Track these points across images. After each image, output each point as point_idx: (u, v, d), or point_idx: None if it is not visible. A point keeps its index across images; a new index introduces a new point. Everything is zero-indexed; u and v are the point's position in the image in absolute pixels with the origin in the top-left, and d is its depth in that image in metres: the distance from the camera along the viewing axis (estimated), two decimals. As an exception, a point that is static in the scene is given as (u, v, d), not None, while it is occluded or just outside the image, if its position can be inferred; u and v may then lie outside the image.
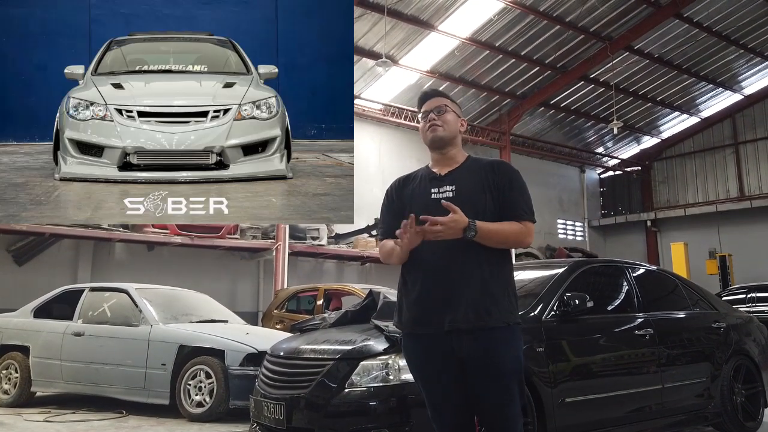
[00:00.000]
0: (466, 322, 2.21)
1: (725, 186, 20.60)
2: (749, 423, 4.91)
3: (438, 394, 2.30)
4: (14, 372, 6.55)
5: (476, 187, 2.35)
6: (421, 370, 2.35)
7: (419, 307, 2.29)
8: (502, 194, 2.35)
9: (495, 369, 2.23)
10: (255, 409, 3.79)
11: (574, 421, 3.79)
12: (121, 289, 6.66)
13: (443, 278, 2.26)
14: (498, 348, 2.24)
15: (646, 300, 4.68)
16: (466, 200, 2.28)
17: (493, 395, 2.24)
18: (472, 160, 2.48)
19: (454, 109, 2.50)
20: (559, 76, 16.53)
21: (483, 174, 2.38)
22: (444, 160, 2.47)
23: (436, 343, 2.26)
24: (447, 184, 2.37)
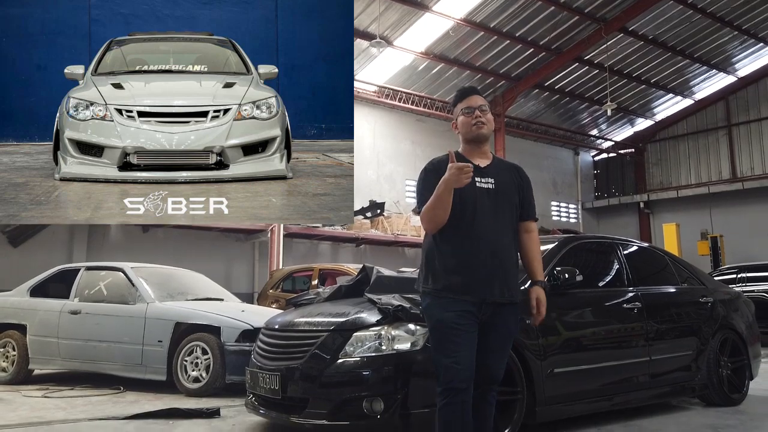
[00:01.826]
0: (501, 296, 2.64)
1: (718, 168, 20.72)
2: (734, 395, 5.02)
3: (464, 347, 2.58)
4: (11, 350, 6.60)
5: (510, 185, 2.78)
6: (449, 325, 2.60)
7: (460, 277, 2.61)
8: (523, 195, 2.83)
9: (506, 331, 2.71)
10: (251, 381, 3.86)
11: (563, 391, 3.88)
12: (116, 267, 6.70)
13: (487, 255, 2.63)
14: (514, 317, 2.73)
15: (635, 275, 4.77)
16: (504, 195, 2.72)
17: (497, 350, 2.70)
18: (498, 159, 2.88)
19: (490, 109, 2.86)
20: (553, 58, 16.52)
21: (511, 174, 2.82)
22: (479, 154, 2.80)
23: (466, 306, 2.60)
24: (489, 177, 2.73)
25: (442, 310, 2.62)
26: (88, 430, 4.11)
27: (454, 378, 2.53)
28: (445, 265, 2.65)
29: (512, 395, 3.60)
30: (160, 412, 4.52)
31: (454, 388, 2.52)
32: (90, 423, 4.33)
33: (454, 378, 2.53)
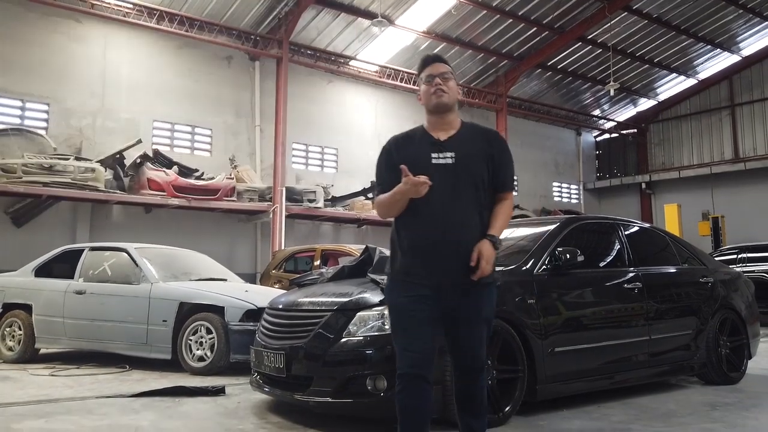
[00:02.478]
0: (460, 278, 2.42)
1: (720, 148, 20.64)
2: (733, 374, 5.09)
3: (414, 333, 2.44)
4: (18, 329, 6.68)
5: (475, 157, 2.51)
6: (402, 310, 2.47)
7: (411, 258, 2.46)
8: (496, 166, 2.54)
9: (476, 315, 2.47)
10: (255, 359, 3.92)
11: (563, 370, 3.94)
12: (120, 248, 6.75)
13: (442, 236, 2.42)
14: (482, 299, 2.48)
15: (636, 256, 4.80)
16: (465, 169, 2.47)
17: (469, 338, 2.48)
18: (467, 127, 2.60)
19: (455, 77, 2.64)
20: (556, 37, 16.35)
21: (480, 143, 2.55)
22: (442, 125, 2.57)
23: (424, 291, 2.43)
24: (447, 150, 2.50)
25: (398, 295, 2.51)
26: (95, 407, 4.18)
27: (406, 364, 2.43)
28: (402, 247, 2.52)
29: (513, 373, 3.65)
30: (166, 390, 4.59)
31: (407, 374, 2.42)
32: (98, 400, 4.40)
33: (406, 364, 2.43)
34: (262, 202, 12.89)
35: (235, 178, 12.74)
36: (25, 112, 11.47)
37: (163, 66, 12.94)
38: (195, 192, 11.79)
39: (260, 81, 14.07)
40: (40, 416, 3.88)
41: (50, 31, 11.65)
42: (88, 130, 11.96)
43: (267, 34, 13.50)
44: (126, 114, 12.43)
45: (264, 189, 13.01)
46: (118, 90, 12.36)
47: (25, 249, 9.99)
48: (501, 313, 3.68)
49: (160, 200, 11.50)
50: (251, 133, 14.04)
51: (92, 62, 12.09)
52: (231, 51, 13.62)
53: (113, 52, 12.34)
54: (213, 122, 13.57)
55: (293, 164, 14.66)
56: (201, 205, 11.99)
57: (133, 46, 12.58)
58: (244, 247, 13.78)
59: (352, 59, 15.08)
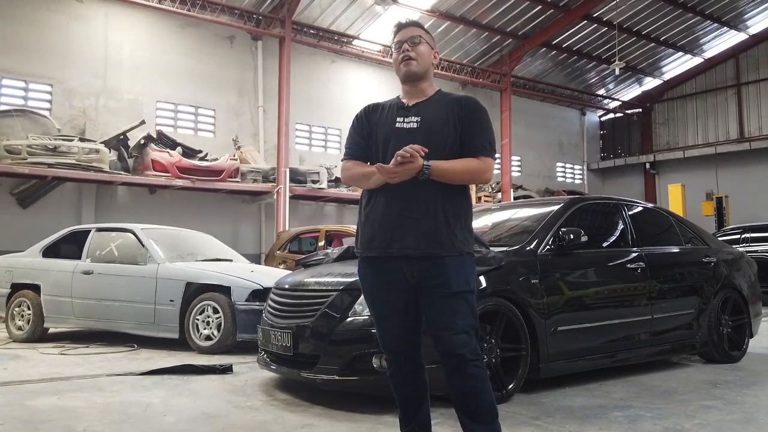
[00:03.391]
0: (416, 249, 2.26)
1: (725, 127, 20.52)
2: (734, 352, 5.14)
3: (387, 316, 2.38)
4: (27, 309, 6.77)
5: (440, 119, 2.35)
6: (371, 292, 2.41)
7: (372, 231, 2.34)
8: (465, 128, 2.35)
9: (444, 288, 2.25)
10: (263, 338, 3.98)
11: (566, 348, 3.99)
12: (127, 229, 6.80)
13: (399, 205, 2.29)
14: (447, 271, 2.26)
15: (639, 236, 4.82)
16: (429, 132, 2.31)
17: (441, 315, 2.25)
18: (441, 94, 2.47)
19: (428, 41, 2.47)
20: (561, 15, 16.19)
21: (449, 108, 2.38)
22: (414, 92, 2.46)
23: (387, 267, 2.31)
24: (412, 115, 2.38)
25: (365, 278, 2.42)
26: (106, 384, 4.26)
27: (387, 350, 2.42)
28: (361, 218, 2.42)
29: (516, 352, 3.71)
30: (175, 368, 4.67)
31: (391, 359, 2.41)
32: (108, 378, 4.48)
33: (387, 350, 2.42)
34: (265, 183, 12.92)
35: (239, 159, 12.75)
36: (29, 93, 11.46)
37: (166, 46, 12.87)
38: (199, 173, 11.82)
39: (263, 61, 14.00)
40: (53, 393, 3.96)
41: (51, 10, 11.59)
42: (91, 110, 11.95)
43: (269, 14, 13.39)
44: (129, 94, 12.41)
45: (268, 170, 13.03)
46: (121, 70, 12.32)
47: (31, 230, 10.07)
48: (505, 293, 3.73)
49: (165, 181, 11.54)
50: (254, 113, 14.02)
51: (94, 42, 12.04)
52: (233, 30, 13.53)
53: (115, 32, 12.28)
54: (216, 103, 13.54)
55: (296, 145, 14.65)
56: (205, 186, 12.03)
57: (135, 25, 12.51)
58: (249, 228, 13.84)
59: (355, 39, 14.98)
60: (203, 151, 12.62)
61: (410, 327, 2.38)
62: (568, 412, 3.45)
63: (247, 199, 13.64)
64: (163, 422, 3.29)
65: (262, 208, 13.83)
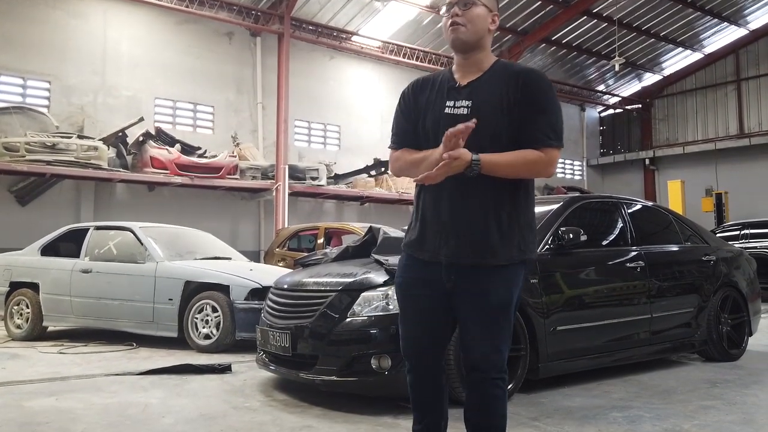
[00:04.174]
0: (464, 257, 2.02)
1: (725, 123, 20.49)
2: (733, 350, 5.14)
3: (417, 315, 2.14)
4: (25, 308, 6.75)
5: (495, 104, 2.01)
6: (404, 288, 2.18)
7: (422, 233, 2.12)
8: (524, 113, 2.01)
9: (482, 302, 2.03)
10: (261, 338, 3.97)
11: (565, 348, 3.98)
12: (125, 227, 6.78)
13: (447, 206, 2.04)
14: (489, 282, 2.02)
15: (639, 234, 4.81)
16: (481, 120, 1.94)
17: (475, 328, 2.04)
18: (498, 67, 2.10)
19: (485, 2, 2.08)
20: (561, 11, 16.13)
21: (506, 88, 2.03)
22: (467, 66, 2.11)
23: (429, 270, 2.09)
24: (464, 98, 2.05)
25: (402, 272, 2.21)
26: (105, 384, 4.25)
27: (404, 351, 2.20)
28: (415, 215, 2.18)
29: (515, 352, 3.70)
30: (174, 368, 4.66)
31: (408, 360, 2.20)
32: (106, 378, 4.48)
33: (404, 351, 2.20)
34: (264, 179, 12.89)
35: (238, 155, 12.73)
36: (27, 90, 11.43)
37: (164, 42, 12.83)
38: (198, 170, 11.79)
39: (262, 57, 13.95)
40: (50, 394, 3.95)
41: (50, 7, 11.55)
42: (89, 107, 11.92)
43: (268, 9, 13.35)
44: (127, 91, 12.37)
45: (267, 167, 13.01)
46: (119, 67, 12.28)
47: (29, 227, 10.05)
48: (504, 293, 3.72)
49: (163, 178, 11.51)
50: (253, 110, 13.99)
51: (92, 39, 12.00)
52: (232, 27, 13.48)
53: (113, 29, 12.24)
54: (215, 99, 13.50)
55: (296, 142, 14.62)
56: (204, 183, 12.00)
57: (133, 22, 12.47)
58: (248, 225, 13.83)
59: (354, 35, 14.93)
60: (202, 148, 12.59)
61: (435, 333, 2.15)
62: (566, 412, 3.44)
63: (246, 196, 13.62)
64: (161, 424, 3.28)
65: (261, 205, 13.81)
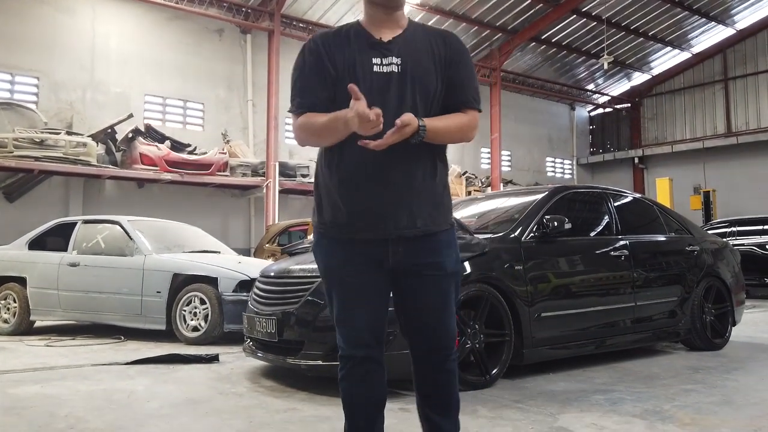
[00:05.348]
0: (409, 226, 1.86)
1: (713, 122, 20.69)
2: (717, 340, 5.20)
3: (357, 301, 1.91)
4: (12, 302, 6.73)
5: (426, 63, 1.88)
6: (338, 273, 1.93)
7: (352, 206, 1.87)
8: (452, 74, 1.91)
9: (437, 270, 1.90)
10: (248, 325, 3.99)
11: (549, 334, 4.02)
12: (113, 221, 6.77)
13: (383, 175, 1.84)
14: (440, 249, 1.91)
15: (623, 224, 4.86)
16: (415, 80, 1.85)
17: (432, 302, 1.91)
18: (417, 25, 1.98)
19: None
20: (550, 9, 16.24)
21: (432, 47, 1.91)
22: (387, 21, 1.91)
23: (367, 250, 1.88)
24: (393, 55, 1.87)
25: (329, 255, 1.94)
26: (91, 373, 4.25)
27: (348, 344, 1.93)
28: (328, 189, 1.91)
29: (500, 337, 3.74)
30: (161, 358, 4.67)
31: (349, 356, 1.92)
32: (93, 367, 4.47)
33: (348, 344, 1.93)
34: (255, 177, 12.89)
35: (228, 152, 12.72)
36: (15, 86, 11.38)
37: (154, 39, 12.80)
38: (188, 167, 11.78)
39: (252, 54, 13.96)
40: (36, 382, 3.95)
41: (38, 2, 11.51)
42: (78, 104, 11.88)
43: (258, 6, 13.35)
44: (116, 88, 12.34)
45: (257, 164, 13.00)
46: (108, 63, 12.25)
47: (17, 224, 9.99)
48: (489, 279, 3.76)
49: (153, 175, 11.49)
50: (243, 107, 13.98)
51: (81, 35, 11.96)
52: (222, 23, 13.48)
53: (102, 24, 12.20)
54: (205, 96, 13.49)
55: (286, 139, 14.63)
56: (194, 180, 11.99)
57: (122, 18, 12.44)
58: (238, 222, 13.82)
59: (344, 32, 14.94)
60: (192, 145, 12.58)
61: (380, 316, 1.94)
62: (550, 395, 3.48)
63: (237, 193, 13.62)
64: (146, 408, 3.29)
65: (252, 203, 13.80)
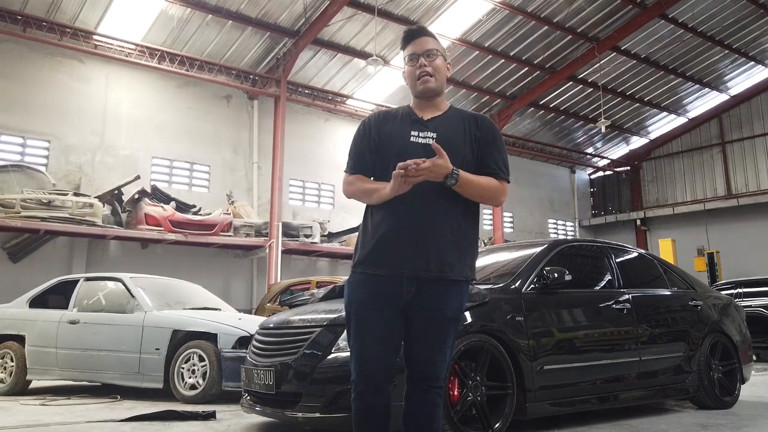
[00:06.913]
0: (427, 271, 2.14)
1: (713, 184, 20.89)
2: (726, 398, 5.08)
3: (373, 337, 2.16)
4: (10, 361, 6.63)
5: (458, 136, 2.24)
6: (361, 308, 2.19)
7: (380, 247, 2.18)
8: (483, 149, 2.26)
9: (438, 313, 2.16)
10: (246, 378, 3.92)
11: (552, 386, 3.94)
12: (115, 278, 6.77)
13: (412, 222, 2.15)
14: (446, 295, 2.17)
15: (624, 277, 4.86)
16: (446, 148, 2.14)
17: (428, 339, 2.16)
18: (455, 110, 2.35)
19: (443, 52, 2.33)
20: (547, 77, 16.77)
21: (466, 125, 2.28)
22: (428, 107, 2.32)
23: (388, 285, 2.15)
24: (429, 130, 2.24)
25: (354, 289, 2.22)
26: (86, 430, 4.15)
27: (358, 372, 2.17)
28: (367, 234, 2.23)
29: (503, 390, 3.67)
30: (157, 414, 4.57)
31: (360, 385, 2.17)
32: (87, 425, 4.37)
33: (358, 372, 2.17)
34: (258, 237, 12.96)
35: (232, 213, 12.85)
36: (26, 149, 11.66)
37: (164, 104, 13.21)
38: (192, 227, 11.88)
39: (258, 119, 14.35)
40: (28, 438, 3.86)
41: (54, 70, 11.96)
42: (87, 166, 12.13)
43: (265, 74, 13.84)
44: (125, 150, 12.63)
45: (261, 224, 13.11)
46: (118, 127, 12.59)
47: (20, 284, 9.95)
48: (490, 330, 3.73)
49: (157, 235, 11.57)
50: (249, 169, 14.24)
51: (94, 101, 12.36)
52: (230, 90, 13.94)
53: (115, 91, 12.63)
54: (211, 159, 13.77)
55: (290, 200, 14.80)
56: (198, 240, 12.06)
57: (135, 84, 12.89)
58: (240, 283, 13.78)
59: (348, 98, 15.42)
60: (197, 205, 12.73)
61: (392, 353, 2.18)
62: (555, 451, 3.38)
63: (240, 253, 13.65)
64: (140, 462, 3.20)
65: (255, 263, 13.81)
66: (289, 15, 12.92)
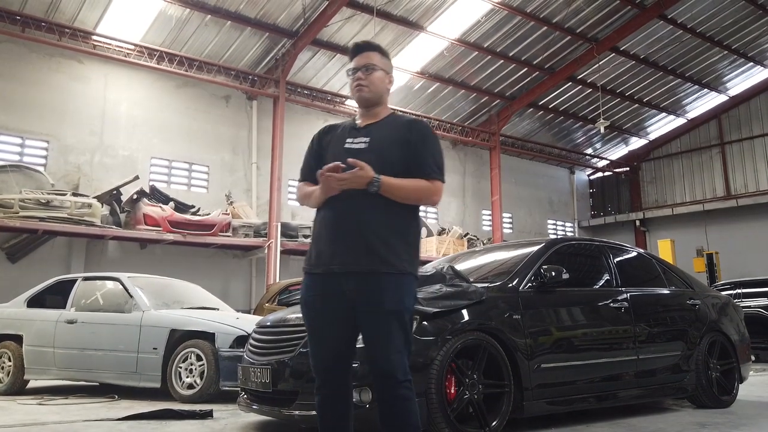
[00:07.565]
0: (356, 264, 2.26)
1: (712, 185, 20.89)
2: (724, 397, 5.08)
3: (322, 329, 2.34)
4: (7, 361, 6.64)
5: (390, 140, 2.40)
6: (309, 305, 2.37)
7: (318, 248, 2.36)
8: (414, 151, 2.38)
9: (377, 306, 2.24)
10: (243, 376, 3.92)
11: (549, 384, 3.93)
12: (113, 277, 6.78)
13: (342, 222, 2.31)
14: (382, 289, 2.25)
15: (622, 276, 4.85)
16: (377, 152, 2.34)
17: (375, 334, 2.25)
18: (393, 117, 2.53)
19: (383, 66, 2.50)
20: (546, 77, 16.77)
21: (399, 130, 2.43)
22: (368, 115, 2.51)
23: (329, 282, 2.30)
24: (362, 136, 2.43)
25: (304, 290, 2.40)
26: (82, 429, 4.15)
27: (314, 371, 2.37)
28: (312, 237, 2.45)
29: (499, 388, 3.66)
30: (154, 413, 4.56)
31: (316, 386, 2.36)
32: (84, 423, 4.37)
33: (314, 371, 2.37)
34: (257, 237, 12.96)
35: (231, 213, 12.84)
36: (25, 149, 11.65)
37: (162, 104, 13.21)
38: (190, 227, 11.87)
39: (257, 119, 14.35)
40: (24, 436, 3.85)
41: (53, 71, 11.95)
42: (86, 166, 12.12)
43: (264, 74, 13.84)
44: (124, 151, 12.63)
45: (259, 225, 13.10)
46: (117, 127, 12.59)
47: (18, 284, 9.95)
48: (487, 328, 3.72)
49: (156, 235, 11.56)
50: (248, 170, 14.23)
51: (93, 101, 12.36)
52: (229, 90, 13.94)
53: (113, 91, 12.63)
54: (210, 159, 13.76)
55: (289, 201, 14.79)
56: (196, 240, 12.04)
57: (133, 85, 12.89)
58: (239, 283, 13.77)
59: (348, 98, 15.42)
60: (196, 206, 12.72)
61: (344, 345, 2.34)
62: (552, 449, 3.38)
63: (238, 254, 13.64)
64: (136, 460, 3.20)
65: (253, 264, 13.80)
66: (288, 15, 12.93)
